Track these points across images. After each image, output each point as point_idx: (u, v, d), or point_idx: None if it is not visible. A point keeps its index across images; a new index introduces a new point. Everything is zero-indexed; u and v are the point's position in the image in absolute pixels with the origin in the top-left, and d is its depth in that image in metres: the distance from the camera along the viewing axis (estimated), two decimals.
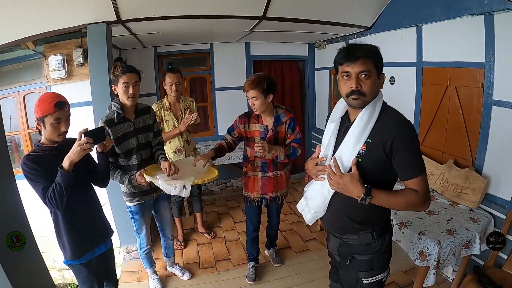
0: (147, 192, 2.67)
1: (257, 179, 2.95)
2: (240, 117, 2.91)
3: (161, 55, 5.07)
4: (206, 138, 5.43)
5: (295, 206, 1.99)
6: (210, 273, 3.39)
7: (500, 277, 2.42)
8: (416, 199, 1.54)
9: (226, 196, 5.47)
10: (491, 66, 2.67)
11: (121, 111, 2.42)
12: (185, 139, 3.54)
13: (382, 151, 1.53)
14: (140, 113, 2.60)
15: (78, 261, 2.05)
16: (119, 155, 2.48)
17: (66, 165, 1.77)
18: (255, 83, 2.63)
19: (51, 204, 1.78)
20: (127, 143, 2.48)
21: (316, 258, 3.62)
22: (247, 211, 3.17)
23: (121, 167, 2.50)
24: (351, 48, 1.54)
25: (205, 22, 3.60)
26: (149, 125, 2.66)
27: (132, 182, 2.43)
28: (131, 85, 2.38)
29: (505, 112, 2.63)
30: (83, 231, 2.03)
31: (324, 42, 5.40)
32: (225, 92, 5.45)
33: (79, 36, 3.22)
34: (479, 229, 2.55)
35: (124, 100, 2.41)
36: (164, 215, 2.98)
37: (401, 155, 1.52)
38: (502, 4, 2.41)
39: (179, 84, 3.38)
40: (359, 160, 1.56)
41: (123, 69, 2.35)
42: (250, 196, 3.02)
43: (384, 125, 1.55)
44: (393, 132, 1.51)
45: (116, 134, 2.40)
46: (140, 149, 2.57)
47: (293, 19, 3.71)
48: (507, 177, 2.70)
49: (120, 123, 2.44)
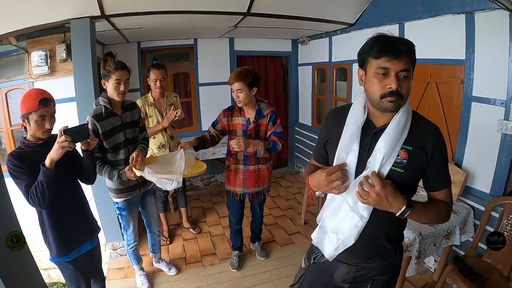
0: (134, 188, 2.66)
1: (239, 172, 2.97)
2: (224, 110, 2.94)
3: (144, 51, 5.02)
4: (189, 134, 5.40)
5: (279, 201, 1.99)
6: (196, 268, 3.39)
7: (480, 267, 2.50)
8: (446, 211, 1.43)
9: (211, 191, 5.47)
10: (471, 63, 2.75)
11: (109, 105, 2.42)
12: (169, 134, 3.53)
13: (424, 158, 1.36)
14: (127, 109, 2.61)
15: (64, 258, 2.03)
16: (107, 150, 2.46)
17: (47, 163, 1.76)
18: (241, 76, 2.67)
19: (34, 202, 1.77)
20: (115, 138, 2.47)
21: (300, 251, 3.66)
22: (229, 204, 3.19)
23: (109, 163, 2.49)
24: (392, 40, 1.26)
25: (190, 18, 3.58)
26: (136, 120, 2.67)
27: (121, 177, 2.42)
28: (122, 82, 2.39)
29: (484, 108, 2.72)
30: (68, 228, 2.02)
31: (307, 38, 5.45)
32: (208, 87, 5.44)
33: (62, 31, 3.16)
34: (459, 220, 2.64)
35: (114, 96, 2.41)
36: (151, 210, 2.97)
37: (438, 162, 1.38)
38: (483, 3, 2.48)
39: (163, 80, 3.37)
40: (401, 171, 1.35)
41: (116, 65, 2.35)
42: (232, 190, 3.06)
43: (420, 130, 1.38)
44: (431, 138, 1.36)
45: (104, 129, 2.39)
46: (128, 143, 2.57)
47: (278, 15, 3.72)
48: (486, 170, 2.79)
49: (108, 117, 2.43)
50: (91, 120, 2.35)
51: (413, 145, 1.35)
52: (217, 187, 5.67)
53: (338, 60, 4.83)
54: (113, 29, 3.61)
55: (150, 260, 3.35)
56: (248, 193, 3.05)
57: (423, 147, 1.35)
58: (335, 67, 4.92)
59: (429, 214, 1.40)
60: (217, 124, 2.93)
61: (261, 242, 3.64)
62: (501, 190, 2.69)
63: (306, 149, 5.92)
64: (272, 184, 5.75)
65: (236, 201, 3.11)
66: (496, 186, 2.72)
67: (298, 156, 6.31)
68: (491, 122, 2.66)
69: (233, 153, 2.93)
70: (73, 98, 3.14)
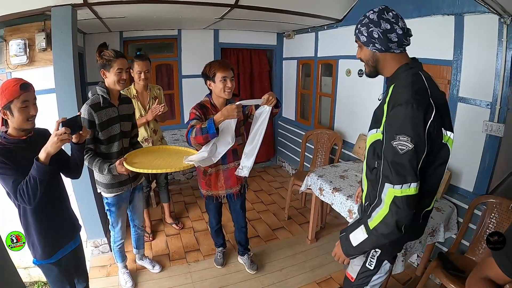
0: (126, 183, 2.60)
1: (219, 174, 2.78)
2: (194, 108, 2.59)
3: (127, 41, 4.86)
4: (172, 127, 5.31)
5: (262, 195, 1.98)
6: (180, 265, 3.35)
7: (463, 263, 2.56)
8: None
9: (193, 186, 5.41)
10: (459, 64, 2.78)
11: (107, 95, 2.38)
12: (152, 128, 3.46)
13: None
14: (124, 101, 2.58)
15: (48, 260, 1.94)
16: (101, 141, 2.39)
17: (42, 157, 1.65)
18: (230, 65, 2.60)
19: (23, 199, 1.65)
20: (111, 129, 2.41)
21: (285, 247, 3.69)
22: (210, 208, 3.04)
23: (101, 155, 2.41)
24: None
25: (175, 8, 3.49)
26: (131, 114, 2.64)
27: (112, 171, 2.34)
28: (124, 71, 2.37)
29: (470, 108, 2.77)
30: (53, 227, 1.92)
31: (293, 32, 5.42)
32: (192, 79, 5.32)
33: (42, 19, 3.00)
34: (443, 218, 2.68)
35: (115, 85, 2.38)
36: (138, 205, 2.91)
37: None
38: (473, 6, 2.51)
39: (148, 72, 3.28)
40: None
41: (116, 53, 2.33)
42: (215, 194, 2.87)
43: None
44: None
45: (101, 119, 2.33)
46: (122, 136, 2.51)
47: (265, 8, 3.67)
48: (469, 170, 2.85)
49: (106, 107, 2.38)
50: (88, 109, 2.27)
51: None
52: None
53: (324, 56, 4.81)
54: (96, 17, 3.48)
55: (133, 257, 3.28)
56: (232, 194, 2.89)
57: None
58: (320, 62, 4.91)
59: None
60: (198, 119, 2.50)
61: (251, 255, 3.36)
62: (484, 189, 2.75)
63: (289, 144, 5.93)
64: (255, 178, 5.77)
65: (216, 204, 2.98)
66: (479, 185, 2.79)
67: (281, 150, 6.31)
68: (476, 123, 2.71)
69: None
70: (53, 89, 3.00)
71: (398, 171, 1.38)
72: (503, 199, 2.55)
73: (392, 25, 1.47)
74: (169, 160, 2.42)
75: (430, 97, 1.41)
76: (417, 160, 1.37)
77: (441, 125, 1.46)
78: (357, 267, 1.85)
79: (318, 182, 3.32)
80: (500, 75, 2.48)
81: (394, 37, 1.48)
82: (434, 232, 2.62)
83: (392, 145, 1.39)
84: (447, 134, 1.49)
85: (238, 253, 3.38)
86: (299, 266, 3.32)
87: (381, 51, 1.53)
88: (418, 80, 1.48)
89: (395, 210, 1.38)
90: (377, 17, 1.48)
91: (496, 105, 2.55)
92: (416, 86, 1.44)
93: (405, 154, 1.36)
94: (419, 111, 1.36)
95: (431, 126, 1.39)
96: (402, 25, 1.49)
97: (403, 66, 1.56)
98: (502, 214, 2.53)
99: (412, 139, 1.35)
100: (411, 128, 1.36)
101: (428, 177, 1.49)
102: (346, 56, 4.26)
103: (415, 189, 1.37)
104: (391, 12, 1.49)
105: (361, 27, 1.54)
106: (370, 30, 1.50)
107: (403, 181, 1.37)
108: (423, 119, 1.36)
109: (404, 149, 1.36)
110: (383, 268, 1.82)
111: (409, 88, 1.43)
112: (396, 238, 1.45)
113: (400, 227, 1.40)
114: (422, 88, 1.44)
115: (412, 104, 1.36)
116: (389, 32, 1.47)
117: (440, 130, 1.45)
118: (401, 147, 1.37)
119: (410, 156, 1.36)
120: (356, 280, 1.88)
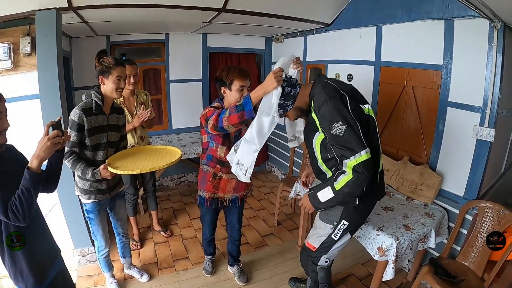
0: (104, 191, 2.52)
1: (231, 181, 2.68)
2: (210, 107, 2.42)
3: (114, 45, 4.78)
4: (159, 132, 5.25)
5: (251, 201, 2.02)
6: (169, 273, 3.28)
7: (454, 268, 2.58)
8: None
9: (181, 192, 5.33)
10: (449, 69, 2.79)
11: (101, 102, 2.33)
12: (139, 135, 3.39)
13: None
14: (115, 111, 2.52)
15: (41, 286, 1.75)
16: (86, 147, 2.33)
17: (34, 165, 1.54)
18: (249, 73, 2.49)
19: (17, 216, 1.48)
20: (98, 137, 2.36)
21: (275, 253, 3.65)
22: (206, 218, 2.94)
23: (85, 160, 2.33)
24: None
25: (162, 12, 3.43)
26: (120, 125, 2.58)
27: (96, 176, 2.26)
28: (122, 79, 2.34)
29: (460, 113, 2.78)
30: (40, 247, 1.76)
31: (282, 36, 5.40)
32: (180, 84, 5.29)
33: (27, 23, 2.91)
34: (434, 223, 2.68)
35: (112, 93, 2.34)
36: (120, 212, 2.83)
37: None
38: (464, 11, 2.52)
39: (136, 75, 3.24)
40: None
41: (116, 61, 2.29)
42: (221, 197, 2.75)
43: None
44: None
45: (91, 125, 2.28)
46: (108, 146, 2.45)
47: (254, 12, 3.65)
48: (460, 174, 2.86)
49: (97, 114, 2.33)
50: (80, 113, 2.21)
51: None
52: (187, 187, 5.54)
53: (313, 60, 4.81)
54: (82, 21, 3.40)
55: (120, 266, 3.20)
56: (237, 198, 2.82)
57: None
58: (309, 66, 4.90)
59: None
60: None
61: (240, 266, 3.27)
62: (474, 193, 2.76)
63: (278, 149, 5.90)
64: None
65: (213, 213, 2.89)
66: (470, 189, 2.80)
67: (270, 155, 6.28)
68: (466, 128, 2.73)
69: (224, 160, 2.54)
70: (38, 95, 2.92)
71: (347, 147, 1.78)
72: (494, 203, 2.55)
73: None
74: (152, 159, 2.40)
75: (339, 90, 1.90)
76: (356, 133, 1.78)
77: (358, 103, 1.94)
78: (322, 238, 2.27)
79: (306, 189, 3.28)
80: (490, 79, 2.49)
81: (287, 89, 2.02)
82: (425, 238, 2.61)
83: (332, 133, 1.82)
84: (366, 106, 1.99)
85: (228, 263, 3.30)
86: (290, 273, 3.27)
87: (293, 103, 2.07)
88: (326, 85, 1.95)
89: (356, 175, 1.78)
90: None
91: (486, 110, 2.56)
92: (327, 89, 1.91)
93: (344, 133, 1.78)
94: (336, 102, 1.83)
95: (352, 106, 1.85)
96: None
97: (313, 86, 2.02)
98: (493, 219, 2.53)
99: (343, 121, 1.79)
100: (338, 115, 1.80)
101: (369, 143, 1.86)
102: (335, 60, 4.26)
103: (366, 154, 1.77)
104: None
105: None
106: (278, 103, 1.97)
107: (354, 152, 1.76)
108: (343, 105, 1.83)
109: (341, 131, 1.79)
110: (344, 238, 2.23)
111: (323, 93, 1.89)
112: (359, 196, 2.00)
113: (362, 187, 1.83)
114: (331, 88, 1.92)
115: (329, 100, 1.84)
116: (284, 92, 1.99)
117: (358, 106, 1.92)
118: (339, 131, 1.79)
119: (349, 132, 1.77)
120: (318, 249, 2.31)
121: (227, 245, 3.23)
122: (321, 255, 2.33)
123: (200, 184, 2.76)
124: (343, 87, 1.96)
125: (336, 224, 2.17)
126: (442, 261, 2.64)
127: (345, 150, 1.78)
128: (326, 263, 2.38)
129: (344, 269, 3.36)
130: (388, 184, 3.32)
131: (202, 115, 2.36)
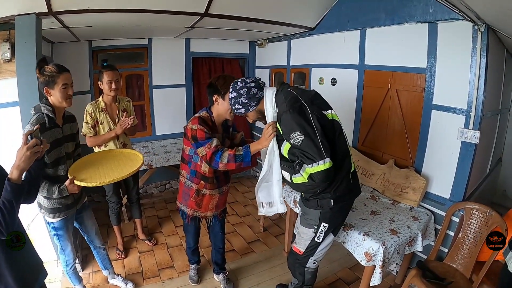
0: (71, 206, 2.41)
1: (214, 197, 2.65)
2: (200, 124, 2.32)
3: (96, 50, 4.67)
4: (143, 139, 5.17)
5: (237, 207, 2.03)
6: (154, 283, 3.20)
7: (442, 270, 2.58)
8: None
9: (166, 199, 5.24)
10: (433, 72, 2.82)
11: (53, 114, 2.17)
12: (122, 142, 3.31)
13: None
14: (67, 120, 2.37)
15: None
16: (46, 164, 2.17)
17: (15, 176, 1.50)
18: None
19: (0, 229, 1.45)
20: (57, 151, 2.21)
21: (261, 260, 3.61)
22: (189, 228, 2.90)
23: (47, 178, 2.19)
24: None
25: (144, 17, 3.39)
26: (74, 134, 2.45)
27: (63, 193, 2.15)
28: (69, 86, 2.17)
29: (444, 116, 2.80)
30: (24, 259, 1.70)
31: (266, 41, 5.41)
32: (163, 90, 5.22)
33: (7, 28, 2.84)
34: (420, 227, 2.67)
35: (61, 103, 2.17)
36: (89, 225, 2.71)
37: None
38: (447, 14, 2.54)
39: (118, 81, 3.16)
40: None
41: (59, 68, 2.12)
42: (202, 216, 2.73)
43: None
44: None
45: (48, 141, 2.04)
46: (67, 158, 2.32)
47: (236, 17, 3.63)
48: (445, 177, 2.87)
49: (52, 128, 2.17)
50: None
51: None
52: (172, 194, 5.46)
53: (296, 64, 4.81)
54: (62, 27, 3.33)
55: (104, 278, 3.11)
56: (217, 215, 2.82)
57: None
58: (293, 70, 4.91)
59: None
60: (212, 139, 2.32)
61: (226, 273, 3.20)
62: (460, 195, 2.78)
63: None
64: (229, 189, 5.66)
65: (197, 223, 2.83)
66: (455, 191, 2.82)
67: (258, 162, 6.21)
68: (451, 130, 2.75)
69: (208, 176, 2.54)
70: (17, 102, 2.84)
71: (305, 156, 1.90)
72: (481, 204, 2.58)
73: (246, 89, 2.09)
74: (114, 166, 2.32)
75: (300, 100, 2.01)
76: (315, 142, 1.87)
77: (321, 110, 2.03)
78: (306, 242, 2.34)
79: (292, 194, 3.26)
80: (475, 82, 2.52)
81: (254, 90, 2.09)
82: (412, 242, 2.60)
83: (291, 142, 1.95)
84: (329, 112, 2.09)
85: (214, 271, 3.24)
86: (277, 280, 3.23)
87: (256, 105, 2.13)
88: (288, 94, 2.06)
89: (310, 182, 1.93)
90: (236, 92, 2.11)
91: (471, 112, 2.59)
92: (288, 98, 2.02)
93: (302, 143, 1.89)
94: (295, 112, 1.94)
95: (314, 114, 1.95)
96: (249, 81, 2.12)
97: (276, 95, 2.11)
98: (480, 220, 2.55)
99: (301, 131, 1.89)
100: (296, 124, 1.91)
101: (337, 145, 2.03)
102: (318, 64, 4.27)
103: (324, 165, 1.87)
104: (239, 82, 2.13)
105: (235, 104, 2.14)
106: (242, 102, 2.10)
107: (312, 161, 1.88)
108: (303, 115, 1.94)
109: (299, 141, 1.89)
110: (328, 239, 2.32)
111: (285, 103, 2.01)
112: (334, 198, 2.14)
113: (315, 191, 2.09)
114: (292, 97, 2.03)
115: (288, 110, 1.96)
116: (250, 92, 2.09)
117: (321, 113, 2.01)
118: (297, 140, 1.90)
119: (306, 142, 1.88)
120: (304, 253, 2.38)
121: (211, 253, 3.18)
122: (308, 258, 2.40)
123: (182, 199, 2.71)
124: (305, 96, 2.06)
125: (317, 228, 2.26)
126: (429, 264, 2.64)
127: (304, 158, 1.92)
128: (314, 265, 2.46)
129: (332, 274, 3.33)
130: (373, 188, 3.33)
131: (189, 129, 2.33)
